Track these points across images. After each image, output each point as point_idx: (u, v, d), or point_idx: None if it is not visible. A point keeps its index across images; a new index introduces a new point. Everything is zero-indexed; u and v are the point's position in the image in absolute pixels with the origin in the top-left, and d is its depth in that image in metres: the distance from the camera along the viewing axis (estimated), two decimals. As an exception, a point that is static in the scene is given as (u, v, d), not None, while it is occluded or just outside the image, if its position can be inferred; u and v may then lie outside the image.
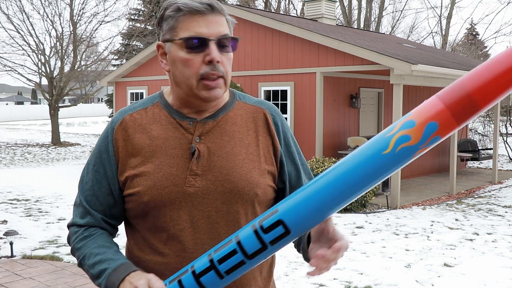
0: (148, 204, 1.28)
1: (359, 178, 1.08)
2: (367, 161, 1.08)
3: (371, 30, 25.69)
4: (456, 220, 7.64)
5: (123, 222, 1.42)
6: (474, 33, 41.27)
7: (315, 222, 1.12)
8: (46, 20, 20.44)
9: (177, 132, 1.32)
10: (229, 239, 1.15)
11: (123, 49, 23.18)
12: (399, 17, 40.59)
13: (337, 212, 8.07)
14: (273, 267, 1.45)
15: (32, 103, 59.47)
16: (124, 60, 21.20)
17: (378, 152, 1.07)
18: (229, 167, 1.30)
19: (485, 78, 1.02)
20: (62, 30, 20.16)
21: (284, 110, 10.17)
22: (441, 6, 29.99)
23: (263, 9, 26.74)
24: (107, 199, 1.35)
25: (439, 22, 29.31)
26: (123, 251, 1.40)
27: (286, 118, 10.18)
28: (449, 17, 27.24)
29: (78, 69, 20.75)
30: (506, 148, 16.41)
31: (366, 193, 8.22)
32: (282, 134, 1.39)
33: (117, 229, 1.42)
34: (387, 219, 7.67)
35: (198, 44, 1.24)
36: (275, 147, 1.37)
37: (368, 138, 9.92)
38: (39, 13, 20.31)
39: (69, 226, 1.39)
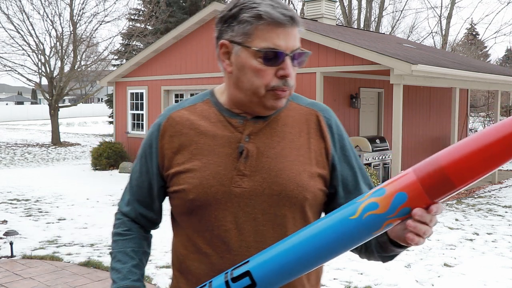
0: (193, 202, 1.26)
1: (326, 241, 1.05)
2: (336, 225, 1.05)
3: (371, 30, 25.69)
4: (456, 220, 7.64)
5: (167, 218, 1.45)
6: (474, 33, 41.27)
7: (282, 281, 1.09)
8: (46, 20, 20.48)
9: (226, 130, 1.29)
10: (204, 284, 1.16)
11: (123, 49, 23.17)
12: (399, 17, 40.67)
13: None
14: (320, 274, 1.41)
15: (32, 103, 59.48)
16: (124, 60, 21.19)
17: (346, 217, 1.05)
18: (278, 168, 1.26)
19: (460, 153, 0.97)
20: (62, 30, 20.16)
21: (284, 110, 10.16)
22: (441, 6, 30.05)
23: (263, 9, 26.69)
24: (149, 193, 1.38)
25: (439, 22, 29.34)
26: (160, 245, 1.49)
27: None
28: (449, 17, 27.25)
29: (78, 69, 20.74)
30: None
31: (366, 193, 8.21)
32: (337, 137, 1.34)
33: (157, 224, 1.46)
34: (387, 219, 7.67)
35: (274, 57, 1.20)
36: (327, 150, 1.32)
37: (368, 138, 9.92)
38: (39, 13, 20.32)
39: (118, 206, 1.47)
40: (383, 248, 1.24)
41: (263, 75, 1.21)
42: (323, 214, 1.37)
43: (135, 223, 1.43)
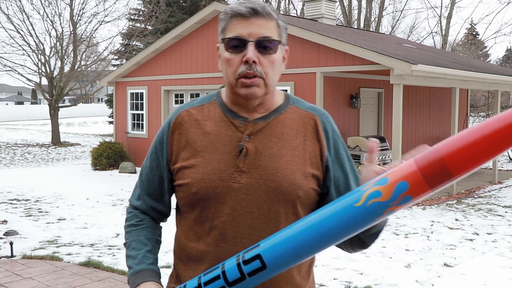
0: (195, 195, 1.37)
1: (332, 227, 1.13)
2: (341, 211, 1.13)
3: (371, 30, 25.69)
4: (456, 220, 7.64)
5: (174, 210, 1.54)
6: (474, 33, 41.27)
7: (290, 263, 1.17)
8: (46, 20, 20.41)
9: (229, 129, 1.40)
10: (217, 266, 1.23)
11: (123, 49, 23.17)
12: (399, 17, 40.66)
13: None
14: (311, 266, 1.49)
15: (32, 103, 59.45)
16: (124, 60, 21.19)
17: (351, 204, 1.12)
18: (274, 167, 1.35)
19: (459, 145, 1.03)
20: (62, 30, 20.15)
21: (284, 110, 10.16)
22: (441, 6, 30.05)
23: (263, 9, 26.68)
24: (159, 186, 1.48)
25: (439, 22, 29.34)
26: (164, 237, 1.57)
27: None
28: (449, 17, 27.25)
29: (78, 69, 20.73)
30: (506, 148, 16.38)
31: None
32: (332, 141, 1.43)
33: (166, 216, 1.56)
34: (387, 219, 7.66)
35: (237, 44, 1.33)
36: (322, 152, 1.41)
37: (368, 138, 9.92)
38: (39, 13, 20.30)
39: (129, 202, 1.57)
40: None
41: (231, 64, 1.34)
42: None
43: (146, 215, 1.52)
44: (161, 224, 1.59)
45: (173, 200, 1.53)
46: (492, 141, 1.01)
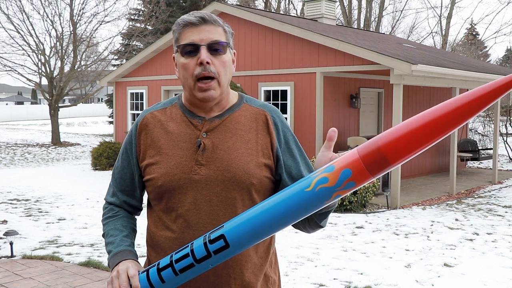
0: (161, 187, 1.53)
1: (286, 209, 1.27)
2: (293, 196, 1.27)
3: (371, 30, 25.69)
4: (456, 220, 7.64)
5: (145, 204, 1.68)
6: (474, 33, 41.28)
7: (250, 242, 1.32)
8: (46, 20, 20.34)
9: (188, 128, 1.57)
10: (186, 245, 1.38)
11: (123, 49, 23.18)
12: (399, 17, 40.62)
13: (337, 212, 8.07)
14: (271, 247, 1.64)
15: (32, 103, 59.44)
16: (124, 60, 21.19)
17: (302, 189, 1.26)
18: (229, 159, 1.52)
19: (395, 135, 1.16)
20: (62, 30, 20.15)
21: (284, 110, 10.16)
22: (441, 6, 30.02)
23: (263, 9, 26.73)
24: (131, 182, 1.65)
25: (439, 22, 29.32)
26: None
27: (286, 118, 10.16)
28: (449, 17, 27.24)
29: (78, 69, 20.73)
30: (506, 148, 16.41)
31: (366, 193, 8.22)
32: (282, 133, 1.59)
33: (139, 210, 1.73)
34: (387, 219, 7.67)
35: (191, 49, 1.49)
36: (272, 144, 1.57)
37: (368, 138, 9.92)
38: (39, 13, 20.29)
39: (104, 200, 1.72)
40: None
41: (187, 67, 1.50)
42: None
43: (120, 208, 1.69)
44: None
45: (145, 196, 1.67)
46: (423, 132, 1.12)
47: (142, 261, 2.95)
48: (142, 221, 1.93)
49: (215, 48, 1.50)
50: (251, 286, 1.55)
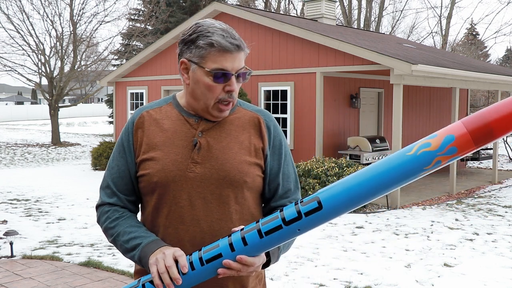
0: (156, 183, 1.55)
1: (385, 173, 1.28)
2: (393, 158, 1.29)
3: (371, 30, 25.69)
4: (456, 220, 7.64)
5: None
6: (474, 33, 41.26)
7: (346, 208, 1.31)
8: (46, 20, 20.36)
9: (184, 127, 1.60)
10: (274, 214, 1.37)
11: (123, 49, 23.18)
12: (399, 17, 40.62)
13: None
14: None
15: (32, 103, 59.43)
16: (124, 60, 21.19)
17: (404, 152, 1.28)
18: (223, 158, 1.56)
19: (504, 111, 1.21)
20: (62, 30, 20.15)
21: (284, 110, 10.17)
22: (441, 6, 30.00)
23: (263, 9, 26.73)
24: (130, 181, 1.63)
25: (439, 22, 29.31)
26: None
27: (286, 118, 10.18)
28: (449, 17, 27.23)
29: (78, 69, 20.73)
30: (506, 148, 16.41)
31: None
32: (272, 137, 1.65)
33: (139, 208, 1.71)
34: (387, 219, 7.67)
35: (222, 76, 1.52)
36: (263, 146, 1.63)
37: (368, 138, 9.92)
38: (39, 13, 20.29)
39: (98, 206, 1.65)
40: None
41: (213, 90, 1.53)
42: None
43: (125, 209, 1.64)
44: None
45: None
46: None
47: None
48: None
49: (241, 77, 1.56)
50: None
